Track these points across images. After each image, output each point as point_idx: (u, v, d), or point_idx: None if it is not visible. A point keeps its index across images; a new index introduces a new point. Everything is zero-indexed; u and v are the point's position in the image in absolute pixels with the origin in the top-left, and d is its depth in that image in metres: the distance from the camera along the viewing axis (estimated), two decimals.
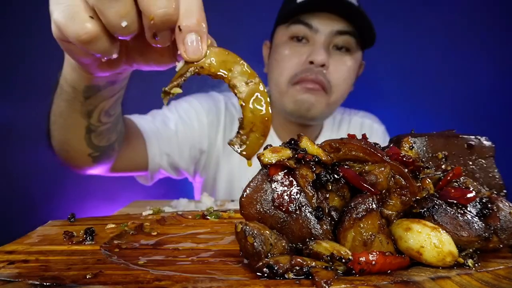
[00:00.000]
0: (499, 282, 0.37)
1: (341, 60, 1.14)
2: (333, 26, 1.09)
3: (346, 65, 1.15)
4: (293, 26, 1.12)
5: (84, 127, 0.77)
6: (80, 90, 0.68)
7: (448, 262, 0.39)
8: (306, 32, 1.10)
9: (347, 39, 1.11)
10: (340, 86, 1.15)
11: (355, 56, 1.17)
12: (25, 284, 0.36)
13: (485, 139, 0.58)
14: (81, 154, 0.84)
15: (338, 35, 1.10)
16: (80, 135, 0.79)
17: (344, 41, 1.12)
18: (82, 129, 0.78)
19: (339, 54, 1.14)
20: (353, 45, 1.14)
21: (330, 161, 0.43)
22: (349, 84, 1.19)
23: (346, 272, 0.37)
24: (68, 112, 0.74)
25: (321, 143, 0.45)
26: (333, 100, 1.16)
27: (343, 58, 1.14)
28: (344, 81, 1.15)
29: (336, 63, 1.13)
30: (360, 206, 0.40)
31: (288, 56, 1.13)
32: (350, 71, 1.16)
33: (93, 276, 0.37)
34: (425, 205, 0.43)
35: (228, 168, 1.26)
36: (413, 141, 0.55)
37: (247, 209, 0.42)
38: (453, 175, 0.47)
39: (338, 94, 1.16)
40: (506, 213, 0.45)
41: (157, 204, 0.86)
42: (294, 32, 1.12)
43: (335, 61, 1.13)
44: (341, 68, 1.14)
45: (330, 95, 1.14)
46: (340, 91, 1.16)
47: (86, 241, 0.50)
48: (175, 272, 0.39)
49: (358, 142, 0.44)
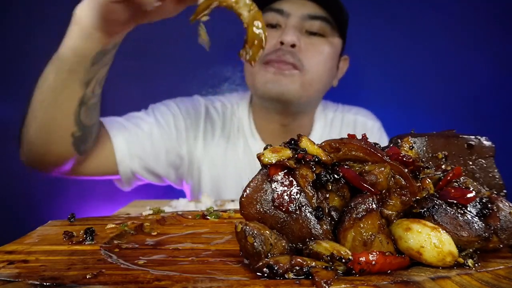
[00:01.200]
0: (499, 282, 0.37)
1: (313, 43, 1.11)
2: (304, 10, 1.08)
3: (319, 48, 1.11)
4: (265, 15, 1.10)
5: (78, 98, 0.84)
6: (89, 57, 0.79)
7: (448, 262, 0.39)
8: (278, 18, 1.09)
9: (320, 25, 1.10)
10: (314, 67, 1.10)
11: (331, 42, 1.13)
12: (25, 284, 0.36)
13: (485, 139, 0.58)
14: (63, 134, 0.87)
15: (310, 19, 1.08)
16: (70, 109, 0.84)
17: (317, 27, 1.10)
18: (75, 101, 0.84)
19: (312, 38, 1.11)
20: (328, 31, 1.12)
21: (330, 161, 0.43)
22: (325, 70, 1.14)
23: (346, 272, 0.37)
24: (66, 84, 0.80)
25: (321, 143, 0.45)
26: (308, 79, 1.10)
27: (315, 41, 1.11)
28: (318, 63, 1.11)
29: (308, 46, 1.10)
30: (360, 206, 0.40)
31: None
32: (325, 55, 1.12)
33: (93, 276, 0.37)
34: (425, 205, 0.43)
35: (210, 174, 1.22)
36: (413, 141, 0.55)
37: (247, 209, 0.42)
38: (453, 175, 0.47)
39: (313, 75, 1.11)
40: (506, 213, 0.45)
41: (157, 204, 0.86)
42: (267, 20, 1.09)
43: (307, 44, 1.10)
44: (314, 50, 1.10)
45: (304, 74, 1.09)
46: (315, 72, 1.11)
47: (86, 241, 0.50)
48: (175, 272, 0.39)
49: (358, 142, 0.44)
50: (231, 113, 1.28)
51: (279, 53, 1.07)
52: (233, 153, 1.23)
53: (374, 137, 1.32)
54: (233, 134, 1.25)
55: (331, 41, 1.13)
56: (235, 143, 1.24)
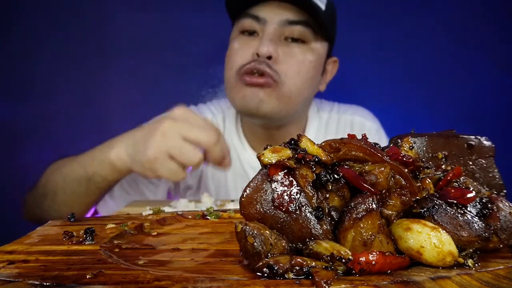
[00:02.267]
0: (499, 282, 0.37)
1: (292, 53, 1.04)
2: (282, 15, 1.01)
3: (298, 58, 1.04)
4: (241, 21, 1.06)
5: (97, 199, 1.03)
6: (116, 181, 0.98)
7: (448, 262, 0.39)
8: (255, 25, 1.04)
9: (300, 30, 1.03)
10: (292, 80, 1.04)
11: (313, 48, 1.07)
12: (25, 284, 0.36)
13: (485, 139, 0.58)
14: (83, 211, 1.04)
15: (290, 25, 1.02)
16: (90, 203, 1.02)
17: (298, 32, 1.03)
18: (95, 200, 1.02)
19: (291, 45, 1.05)
20: (310, 36, 1.04)
21: (330, 161, 0.43)
22: (305, 80, 1.07)
23: (346, 272, 0.37)
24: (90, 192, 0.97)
25: (321, 143, 0.45)
26: (286, 92, 1.05)
27: (294, 49, 1.04)
28: (297, 73, 1.05)
29: (287, 56, 1.04)
30: (360, 206, 0.40)
31: (237, 49, 1.06)
32: (306, 65, 1.05)
33: (93, 276, 0.37)
34: (425, 205, 0.43)
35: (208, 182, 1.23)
36: (413, 141, 0.55)
37: (247, 209, 0.42)
38: (453, 175, 0.47)
39: (291, 87, 1.05)
40: (506, 213, 0.45)
41: (157, 204, 0.86)
42: (243, 27, 1.05)
43: (286, 54, 1.04)
44: (293, 60, 1.04)
45: (281, 87, 1.03)
46: (293, 85, 1.05)
47: (86, 241, 0.50)
48: (175, 272, 0.39)
49: (358, 142, 0.44)
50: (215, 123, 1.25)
51: (254, 64, 1.02)
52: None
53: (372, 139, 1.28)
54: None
55: (313, 48, 1.07)
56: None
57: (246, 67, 1.03)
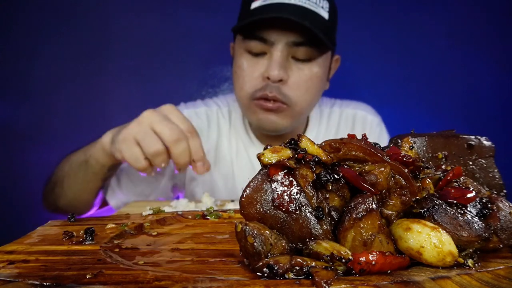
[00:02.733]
0: (499, 282, 0.37)
1: (299, 71, 1.08)
2: (289, 37, 1.03)
3: (304, 74, 1.08)
4: (248, 42, 1.07)
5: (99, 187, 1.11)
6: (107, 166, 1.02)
7: (448, 262, 0.39)
8: (262, 46, 1.06)
9: (305, 50, 1.05)
10: (302, 98, 1.09)
11: (319, 63, 1.10)
12: (25, 284, 0.36)
13: (485, 139, 0.58)
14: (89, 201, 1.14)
15: (296, 46, 1.04)
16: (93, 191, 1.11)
17: (303, 53, 1.06)
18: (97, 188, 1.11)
19: (299, 64, 1.08)
20: (315, 53, 1.07)
21: (330, 161, 0.43)
22: (314, 93, 1.13)
23: (346, 272, 0.37)
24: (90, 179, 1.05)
25: (321, 143, 0.45)
26: (297, 111, 1.11)
27: (301, 68, 1.08)
28: (306, 91, 1.09)
29: (295, 74, 1.07)
30: (360, 206, 0.40)
31: (246, 70, 1.09)
32: (313, 79, 1.09)
33: (93, 276, 0.37)
34: (425, 205, 0.43)
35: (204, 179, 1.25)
36: (413, 141, 0.55)
37: (247, 209, 0.42)
38: (453, 175, 0.47)
39: (302, 104, 1.11)
40: (506, 213, 0.45)
41: (157, 204, 0.86)
42: (251, 48, 1.07)
43: (295, 72, 1.07)
44: (300, 79, 1.07)
45: (293, 108, 1.09)
46: (304, 101, 1.11)
47: (86, 241, 0.50)
48: (174, 272, 0.39)
49: (358, 142, 0.44)
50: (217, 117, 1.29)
51: (267, 91, 1.05)
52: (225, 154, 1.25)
53: (374, 132, 1.29)
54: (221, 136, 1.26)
55: (319, 62, 1.10)
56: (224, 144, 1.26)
57: (259, 94, 1.07)
